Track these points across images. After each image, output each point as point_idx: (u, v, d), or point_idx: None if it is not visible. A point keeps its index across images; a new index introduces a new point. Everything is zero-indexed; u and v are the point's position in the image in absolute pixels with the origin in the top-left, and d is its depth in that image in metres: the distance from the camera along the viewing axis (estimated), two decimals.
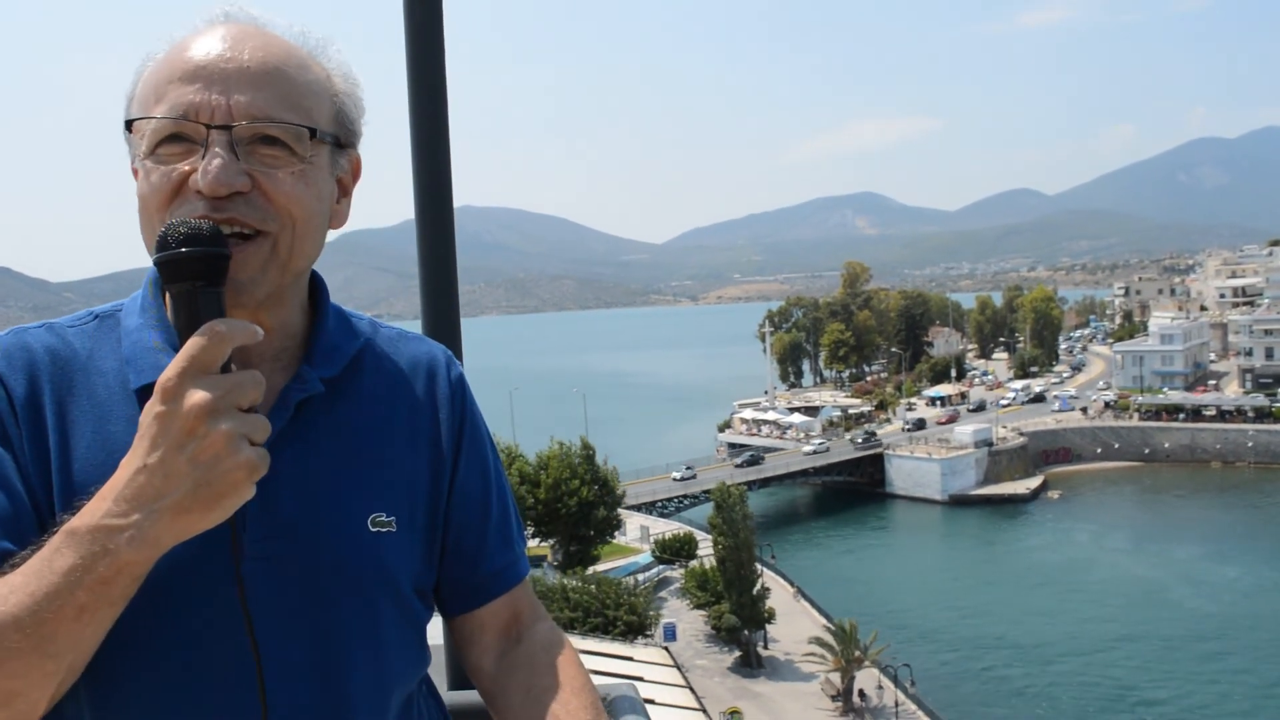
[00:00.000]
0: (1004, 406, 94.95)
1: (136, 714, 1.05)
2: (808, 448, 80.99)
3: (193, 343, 0.91)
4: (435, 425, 1.28)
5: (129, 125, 1.08)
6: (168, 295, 1.11)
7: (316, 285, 1.23)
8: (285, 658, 1.08)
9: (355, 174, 1.20)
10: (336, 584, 1.12)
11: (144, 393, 1.07)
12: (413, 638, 1.25)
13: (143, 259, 1.10)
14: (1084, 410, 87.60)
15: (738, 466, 75.34)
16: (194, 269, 0.97)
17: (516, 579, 1.36)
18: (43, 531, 0.97)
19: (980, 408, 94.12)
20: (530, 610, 1.37)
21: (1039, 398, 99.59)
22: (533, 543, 45.16)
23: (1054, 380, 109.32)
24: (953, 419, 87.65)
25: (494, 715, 1.31)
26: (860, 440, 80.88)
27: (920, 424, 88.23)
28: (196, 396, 0.89)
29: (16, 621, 0.85)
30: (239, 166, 1.03)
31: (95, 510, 0.89)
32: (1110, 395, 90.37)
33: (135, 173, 1.12)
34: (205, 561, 1.04)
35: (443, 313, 2.12)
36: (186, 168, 1.03)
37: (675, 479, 71.96)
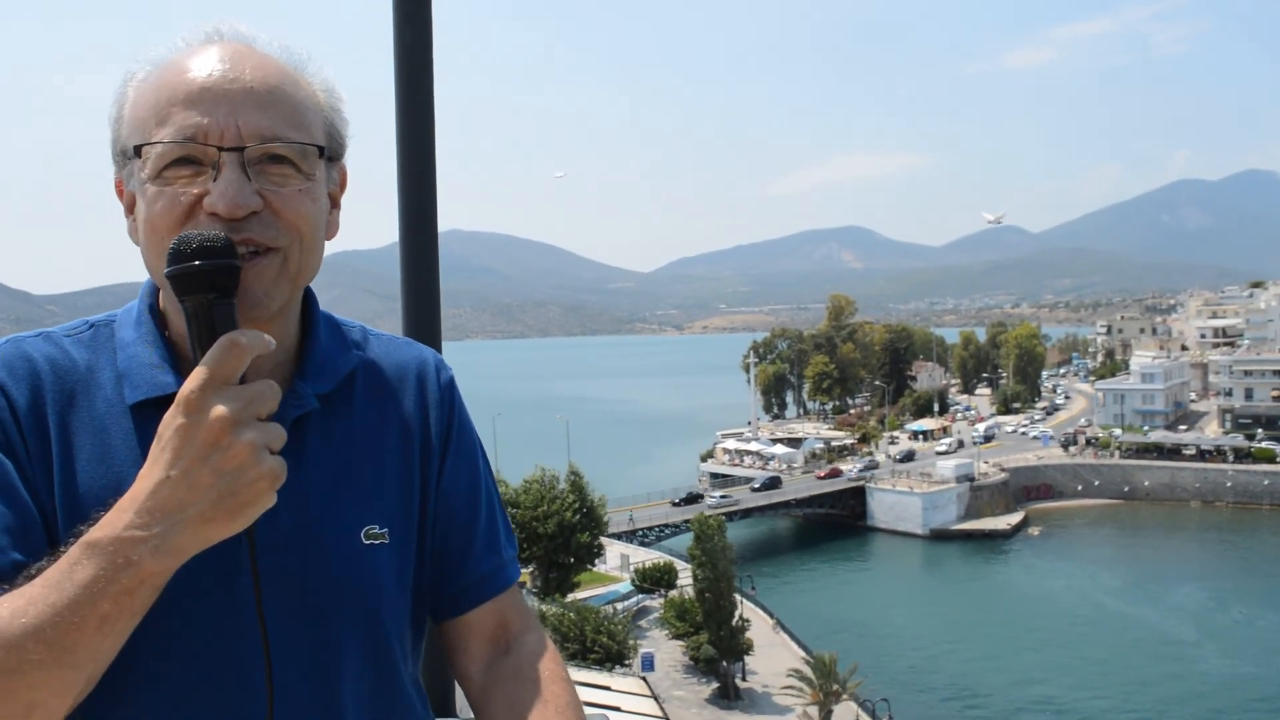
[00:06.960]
0: (941, 453, 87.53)
1: None
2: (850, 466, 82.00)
3: (212, 355, 0.92)
4: (426, 430, 1.29)
5: (137, 150, 1.07)
6: (167, 309, 1.15)
7: (307, 298, 1.24)
8: (285, 668, 1.09)
9: (343, 186, 1.22)
10: (331, 597, 1.13)
11: (139, 408, 1.09)
12: (409, 648, 1.26)
13: (129, 274, 1.09)
14: (1065, 447, 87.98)
15: (755, 490, 76.14)
16: (208, 281, 0.97)
17: (504, 585, 1.34)
18: (50, 543, 0.99)
19: (909, 457, 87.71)
20: (519, 619, 1.35)
21: (988, 438, 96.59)
22: None
23: (1025, 421, 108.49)
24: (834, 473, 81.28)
25: None
26: (900, 458, 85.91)
27: (909, 455, 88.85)
28: (220, 408, 0.89)
29: (38, 633, 0.86)
30: (252, 187, 1.05)
31: (116, 522, 0.89)
32: (1067, 431, 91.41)
33: (121, 191, 1.13)
34: (211, 571, 1.05)
35: (424, 335, 2.09)
36: (196, 190, 1.04)
37: (675, 504, 71.81)
